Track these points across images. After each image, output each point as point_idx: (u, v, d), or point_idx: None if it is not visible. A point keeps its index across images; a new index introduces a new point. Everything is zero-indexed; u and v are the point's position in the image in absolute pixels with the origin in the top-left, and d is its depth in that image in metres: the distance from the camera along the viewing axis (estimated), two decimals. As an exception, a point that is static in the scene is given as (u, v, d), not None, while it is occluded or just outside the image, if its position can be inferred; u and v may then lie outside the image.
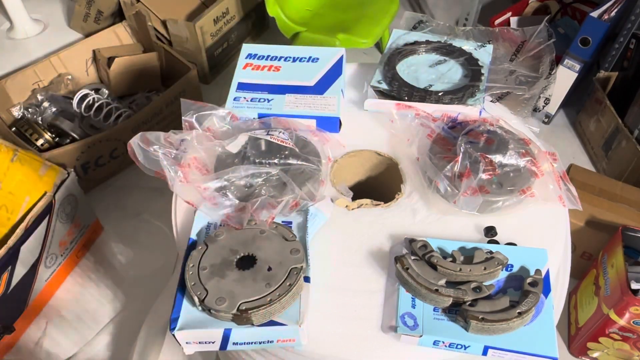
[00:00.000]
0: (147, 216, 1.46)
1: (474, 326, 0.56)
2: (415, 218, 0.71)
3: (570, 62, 1.60)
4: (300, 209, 0.69)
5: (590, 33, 1.55)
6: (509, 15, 1.93)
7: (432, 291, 0.59)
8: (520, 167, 0.71)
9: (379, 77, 0.86)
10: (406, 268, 0.60)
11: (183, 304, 0.59)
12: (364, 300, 0.62)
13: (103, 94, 1.64)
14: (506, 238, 0.68)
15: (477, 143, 0.73)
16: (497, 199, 0.69)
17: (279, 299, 0.57)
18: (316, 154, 0.75)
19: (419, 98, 0.82)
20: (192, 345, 0.59)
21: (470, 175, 0.69)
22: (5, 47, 1.81)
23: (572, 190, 0.71)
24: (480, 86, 0.83)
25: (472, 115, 0.80)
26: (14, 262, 1.08)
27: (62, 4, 1.98)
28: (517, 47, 0.94)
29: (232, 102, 0.82)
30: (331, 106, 0.81)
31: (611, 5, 1.54)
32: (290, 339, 0.58)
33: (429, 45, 0.91)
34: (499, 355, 0.57)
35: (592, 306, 1.11)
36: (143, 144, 0.70)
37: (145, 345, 1.10)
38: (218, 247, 0.63)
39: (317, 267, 0.64)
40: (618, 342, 1.09)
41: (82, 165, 1.44)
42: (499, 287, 0.61)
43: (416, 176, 0.76)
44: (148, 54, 1.71)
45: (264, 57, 0.89)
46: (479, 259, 0.62)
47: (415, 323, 0.58)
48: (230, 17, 1.87)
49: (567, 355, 1.19)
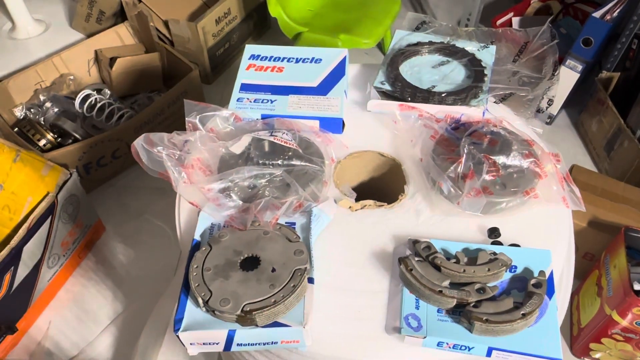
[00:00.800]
0: (149, 216, 1.46)
1: (477, 327, 0.56)
2: (418, 219, 0.71)
3: (573, 63, 1.59)
4: (304, 210, 0.69)
5: (592, 33, 1.54)
6: (510, 15, 1.93)
7: (435, 292, 0.59)
8: (524, 168, 0.71)
9: (382, 78, 0.86)
10: (410, 269, 0.60)
11: (187, 305, 0.59)
12: (368, 302, 0.62)
13: (105, 94, 1.64)
14: (510, 239, 0.68)
15: (481, 144, 0.73)
16: (501, 200, 0.69)
17: (283, 300, 0.57)
18: (319, 155, 0.75)
19: (422, 99, 0.82)
20: (196, 346, 0.59)
21: (473, 176, 0.69)
22: (8, 48, 1.81)
23: (576, 192, 0.71)
24: (483, 87, 0.83)
25: (476, 116, 0.80)
26: (17, 263, 1.08)
27: (64, 4, 1.98)
28: (520, 48, 0.94)
29: (236, 103, 0.82)
30: (334, 107, 0.81)
31: (613, 5, 1.54)
32: (294, 340, 0.58)
33: (432, 46, 0.91)
34: (503, 356, 0.57)
35: (594, 307, 1.11)
36: (147, 145, 0.70)
37: (147, 346, 1.10)
38: (222, 248, 0.63)
39: (321, 268, 0.64)
40: (620, 342, 1.09)
41: (84, 166, 1.44)
42: (503, 288, 0.61)
43: (419, 177, 0.76)
44: (150, 54, 1.71)
45: (267, 58, 0.89)
46: (482, 260, 0.62)
47: (419, 324, 0.58)
48: (232, 17, 1.87)
49: (569, 356, 1.19)
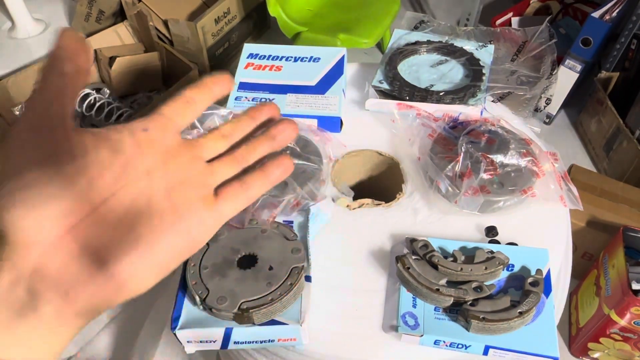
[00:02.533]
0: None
1: (474, 326, 0.56)
2: (416, 218, 0.71)
3: (572, 63, 1.60)
4: (302, 208, 0.69)
5: (591, 33, 1.55)
6: (510, 15, 1.93)
7: (433, 291, 0.59)
8: (522, 167, 0.71)
9: (380, 77, 0.86)
10: (407, 268, 0.60)
11: (184, 303, 0.59)
12: (365, 300, 0.62)
13: (104, 93, 1.64)
14: (507, 238, 0.68)
15: (479, 143, 0.73)
16: (498, 198, 0.69)
17: (280, 298, 0.57)
18: (317, 154, 0.75)
19: (420, 98, 0.82)
20: (193, 344, 0.59)
21: (471, 175, 0.69)
22: (7, 47, 1.81)
23: (573, 191, 0.71)
24: (481, 86, 0.83)
25: (474, 115, 0.80)
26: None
27: (64, 3, 1.98)
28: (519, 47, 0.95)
29: (234, 102, 0.82)
30: (332, 106, 0.81)
31: (612, 5, 1.54)
32: (291, 338, 0.58)
33: (430, 45, 0.91)
34: (499, 355, 0.57)
35: (593, 307, 1.11)
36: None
37: (146, 344, 1.10)
38: (219, 247, 0.63)
39: (318, 267, 0.64)
40: (619, 342, 1.09)
41: (83, 165, 1.44)
42: (500, 286, 0.61)
43: (417, 176, 0.76)
44: (149, 54, 1.71)
45: (265, 57, 0.89)
46: (480, 259, 0.62)
47: (416, 322, 0.58)
48: (231, 17, 1.87)
49: (568, 355, 1.19)
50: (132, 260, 0.29)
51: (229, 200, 0.33)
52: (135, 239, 0.29)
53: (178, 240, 0.31)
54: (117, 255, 0.28)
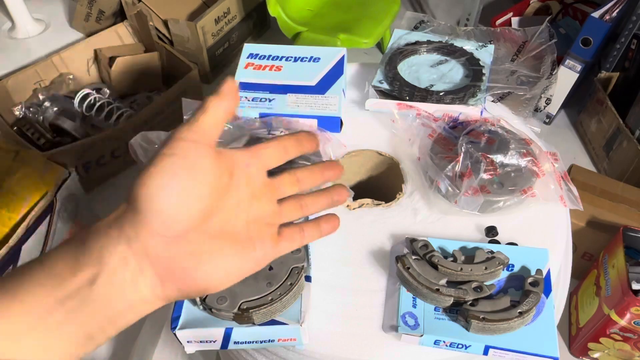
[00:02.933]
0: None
1: (474, 326, 0.56)
2: (416, 218, 0.71)
3: (572, 63, 1.60)
4: (302, 208, 0.69)
5: (591, 33, 1.55)
6: (510, 15, 1.93)
7: (433, 291, 0.59)
8: (522, 167, 0.71)
9: (380, 77, 0.86)
10: (407, 267, 0.60)
11: (184, 303, 0.59)
12: (365, 300, 0.62)
13: (104, 93, 1.64)
14: (507, 238, 0.68)
15: (478, 143, 0.73)
16: (498, 198, 0.69)
17: (280, 298, 0.57)
18: (317, 154, 0.75)
19: (420, 98, 0.82)
20: (193, 344, 0.59)
21: (471, 175, 0.69)
22: (7, 47, 1.81)
23: (574, 191, 0.71)
24: (481, 86, 0.83)
25: (474, 115, 0.80)
26: (15, 262, 1.08)
27: (64, 3, 1.98)
28: (519, 47, 0.95)
29: (234, 102, 0.82)
30: (332, 106, 0.81)
31: (612, 5, 1.54)
32: (291, 338, 0.58)
33: (430, 45, 0.91)
34: (499, 354, 0.57)
35: (592, 307, 1.12)
36: (144, 143, 0.70)
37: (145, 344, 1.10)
38: (219, 247, 0.63)
39: (318, 267, 0.64)
40: (619, 342, 1.09)
41: (83, 165, 1.44)
42: (500, 286, 0.61)
43: (417, 176, 0.76)
44: (149, 54, 1.71)
45: (265, 57, 0.89)
46: (480, 259, 0.62)
47: (416, 322, 0.58)
48: (231, 17, 1.87)
49: (568, 355, 1.20)
50: (215, 270, 0.36)
51: (288, 241, 0.41)
52: (222, 255, 0.37)
53: (249, 264, 0.39)
54: (208, 261, 0.36)
